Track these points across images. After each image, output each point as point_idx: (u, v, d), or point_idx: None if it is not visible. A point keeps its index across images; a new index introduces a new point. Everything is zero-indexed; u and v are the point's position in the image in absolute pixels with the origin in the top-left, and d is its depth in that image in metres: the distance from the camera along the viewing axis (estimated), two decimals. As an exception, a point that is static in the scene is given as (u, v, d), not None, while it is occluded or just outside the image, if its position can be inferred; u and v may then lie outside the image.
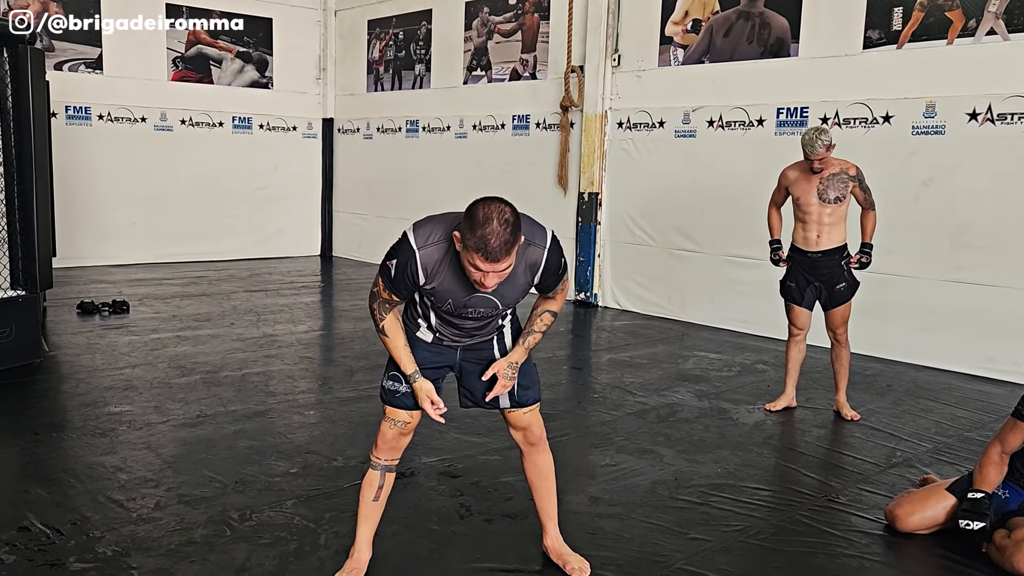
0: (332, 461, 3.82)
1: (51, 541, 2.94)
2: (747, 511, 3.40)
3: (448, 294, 2.43)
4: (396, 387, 2.62)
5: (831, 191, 4.44)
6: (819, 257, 4.54)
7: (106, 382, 4.99)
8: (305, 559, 2.88)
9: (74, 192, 9.25)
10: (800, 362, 4.83)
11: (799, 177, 4.54)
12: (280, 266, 10.49)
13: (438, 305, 2.49)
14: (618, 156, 8.00)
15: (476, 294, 2.41)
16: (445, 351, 2.67)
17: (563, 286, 2.61)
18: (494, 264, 2.21)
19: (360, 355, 5.89)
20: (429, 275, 2.39)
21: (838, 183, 4.44)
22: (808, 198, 4.50)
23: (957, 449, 4.27)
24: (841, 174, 4.44)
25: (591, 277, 8.19)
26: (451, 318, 2.54)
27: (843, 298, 4.56)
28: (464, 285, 2.40)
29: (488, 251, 2.18)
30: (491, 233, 2.17)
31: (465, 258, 2.25)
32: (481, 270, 2.23)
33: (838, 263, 4.53)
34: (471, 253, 2.21)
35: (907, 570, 3.00)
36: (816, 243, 4.53)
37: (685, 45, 7.42)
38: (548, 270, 2.47)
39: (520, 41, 8.96)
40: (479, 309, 2.48)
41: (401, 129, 10.49)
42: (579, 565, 2.83)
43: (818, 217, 4.49)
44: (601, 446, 4.16)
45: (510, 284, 2.40)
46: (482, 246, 2.18)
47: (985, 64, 5.68)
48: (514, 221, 2.21)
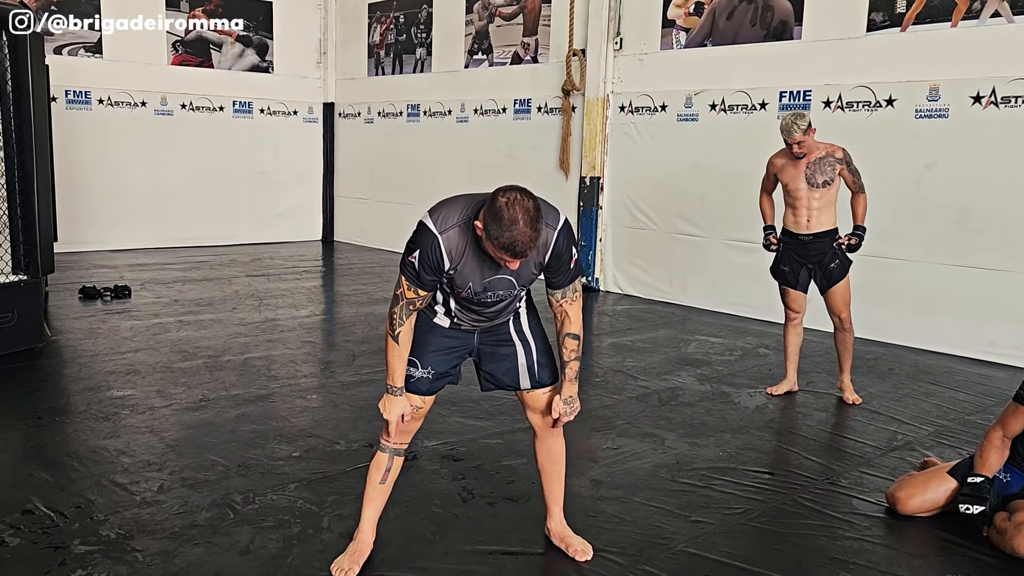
0: (335, 445, 3.83)
1: (55, 524, 2.95)
2: (749, 494, 3.41)
3: (469, 278, 2.43)
4: (411, 372, 2.61)
5: (819, 175, 4.43)
6: (810, 240, 4.55)
7: (108, 366, 5.00)
8: (308, 542, 2.89)
9: (75, 177, 9.23)
10: (799, 345, 4.83)
11: (786, 163, 4.53)
12: (282, 251, 10.49)
13: (458, 290, 2.48)
14: (620, 140, 7.97)
15: (495, 276, 2.43)
16: (463, 335, 2.67)
17: (574, 290, 2.58)
18: (519, 259, 2.26)
19: (362, 339, 5.89)
20: (453, 258, 2.38)
21: (825, 167, 4.43)
22: (796, 183, 4.49)
23: (958, 432, 4.28)
24: (828, 157, 4.43)
25: (593, 262, 8.18)
26: (470, 303, 2.54)
27: (837, 277, 4.54)
28: (484, 269, 2.41)
29: (517, 252, 2.22)
30: (519, 235, 2.19)
31: (489, 248, 2.28)
32: (508, 262, 2.29)
33: (829, 245, 4.53)
34: (499, 252, 2.24)
35: (908, 552, 3.01)
36: (807, 226, 4.53)
37: (688, 28, 7.38)
38: (557, 252, 2.46)
39: (522, 24, 8.91)
40: (497, 292, 2.49)
41: (402, 113, 10.46)
42: (581, 547, 2.84)
43: (807, 202, 4.49)
44: (603, 430, 4.17)
45: (524, 264, 2.42)
46: (511, 247, 2.20)
47: (989, 46, 5.65)
48: (536, 215, 2.22)
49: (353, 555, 2.71)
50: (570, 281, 2.56)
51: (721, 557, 2.88)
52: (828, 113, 6.44)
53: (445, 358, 2.64)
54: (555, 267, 2.50)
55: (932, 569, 2.89)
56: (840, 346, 4.72)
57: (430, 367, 2.62)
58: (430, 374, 2.62)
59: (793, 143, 4.33)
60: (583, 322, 2.68)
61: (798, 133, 4.28)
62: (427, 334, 2.62)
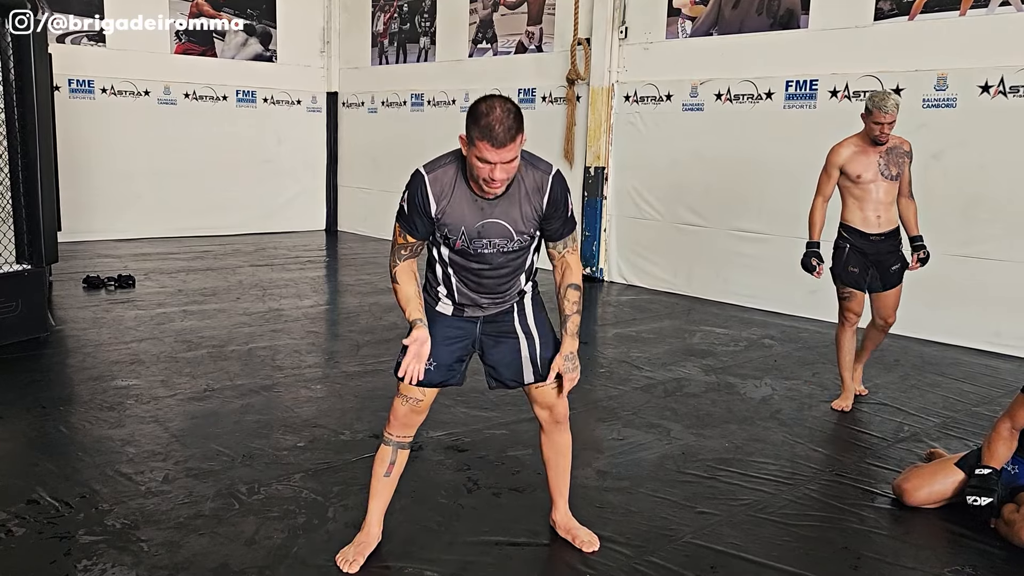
0: (339, 435, 3.82)
1: (60, 514, 2.95)
2: (755, 485, 3.40)
3: (460, 221, 2.42)
4: None
5: (892, 166, 4.09)
6: (881, 240, 4.18)
7: (113, 356, 5.00)
8: (313, 532, 2.89)
9: (78, 166, 9.22)
10: (854, 351, 4.43)
11: (855, 152, 4.12)
12: (285, 240, 10.48)
13: (451, 238, 2.45)
14: (625, 130, 7.94)
15: (488, 220, 2.42)
16: (465, 325, 2.63)
17: (574, 240, 2.59)
18: (500, 150, 2.24)
19: (366, 329, 5.88)
20: (439, 199, 2.40)
21: (898, 158, 4.10)
22: (869, 174, 4.09)
23: (965, 424, 4.26)
24: (898, 148, 4.11)
25: (597, 252, 8.16)
26: (468, 261, 2.50)
27: (896, 280, 4.26)
28: (475, 209, 2.41)
29: (494, 136, 2.22)
30: (495, 120, 2.22)
31: (472, 157, 2.29)
32: (489, 162, 2.26)
33: (895, 245, 4.23)
34: (478, 145, 2.25)
35: (915, 544, 3.00)
36: (877, 224, 4.17)
37: (693, 17, 7.33)
38: (553, 199, 2.47)
39: (526, 13, 8.86)
40: (493, 241, 2.45)
41: (406, 103, 10.42)
42: (588, 538, 2.83)
43: (878, 195, 4.12)
44: (608, 420, 4.16)
45: (517, 207, 2.43)
46: (487, 132, 2.22)
47: (998, 35, 5.60)
48: (516, 110, 2.28)
49: (359, 547, 2.71)
50: (569, 231, 2.56)
51: (727, 548, 2.87)
52: (835, 102, 6.40)
53: (447, 349, 2.60)
54: (552, 214, 2.49)
55: (939, 560, 2.88)
56: (869, 341, 4.50)
57: (432, 359, 2.58)
58: (432, 365, 2.58)
59: (887, 122, 3.94)
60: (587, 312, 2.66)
61: (895, 110, 3.93)
62: (429, 324, 2.59)
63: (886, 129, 3.98)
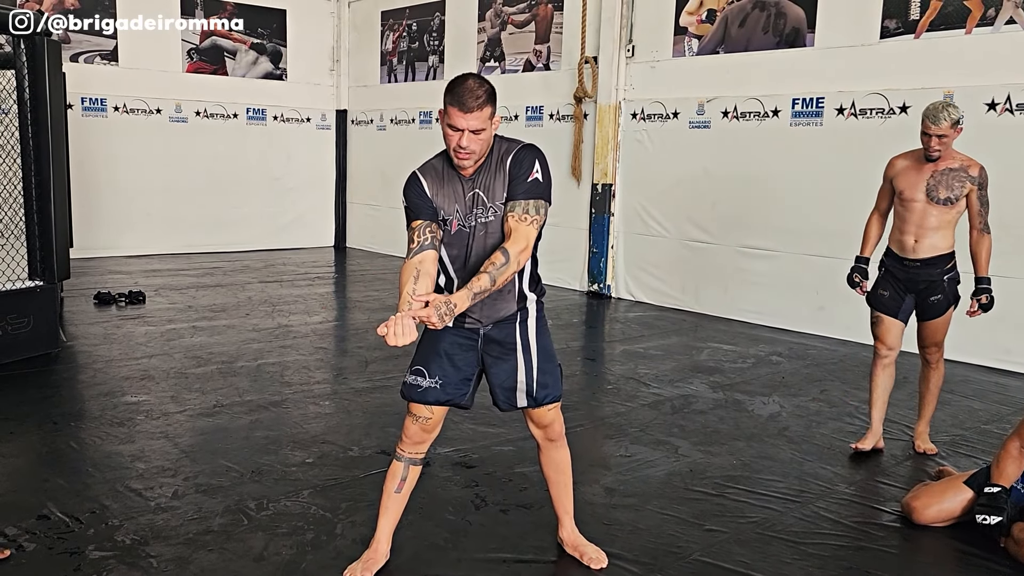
0: (348, 451, 3.83)
1: (70, 529, 2.97)
2: (763, 503, 3.40)
3: (453, 201, 2.51)
4: (418, 381, 2.60)
5: (942, 189, 3.69)
6: (917, 267, 3.82)
7: (123, 372, 5.03)
8: (322, 548, 2.89)
9: (90, 183, 9.30)
10: (889, 389, 4.06)
11: (908, 167, 3.81)
12: (294, 257, 10.53)
13: (448, 219, 2.51)
14: (632, 147, 7.97)
15: (472, 191, 2.50)
16: (467, 338, 2.61)
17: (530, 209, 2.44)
18: (467, 116, 2.35)
19: (375, 346, 5.90)
20: (431, 183, 2.52)
21: (954, 181, 3.69)
22: (913, 192, 3.75)
23: (974, 441, 4.25)
24: (960, 171, 3.69)
25: (604, 268, 8.18)
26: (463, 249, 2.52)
27: (937, 311, 3.87)
28: (460, 189, 2.51)
29: (462, 102, 2.35)
30: (466, 89, 2.37)
31: (444, 127, 2.41)
32: (458, 128, 2.37)
33: (939, 276, 3.82)
34: (448, 111, 2.38)
35: (924, 562, 2.99)
36: (913, 249, 3.81)
37: (700, 35, 7.37)
38: (518, 158, 2.48)
39: (534, 32, 8.93)
40: (476, 212, 2.51)
41: (415, 120, 10.49)
42: (596, 555, 2.83)
43: (920, 218, 3.76)
44: (615, 437, 4.16)
45: (493, 176, 2.50)
46: (457, 98, 2.36)
47: (1004, 53, 5.62)
48: (490, 87, 2.41)
49: (367, 563, 2.71)
50: (528, 196, 2.45)
51: (736, 567, 2.86)
52: (841, 120, 6.42)
53: (453, 368, 2.60)
54: (515, 171, 2.47)
55: (948, 579, 2.87)
56: (922, 385, 4.08)
57: (437, 377, 2.59)
58: (438, 384, 2.59)
59: (935, 134, 3.60)
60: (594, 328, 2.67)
61: (945, 123, 3.58)
62: (433, 342, 2.61)
63: (933, 143, 3.64)
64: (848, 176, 6.40)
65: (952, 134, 3.63)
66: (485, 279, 2.35)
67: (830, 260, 6.47)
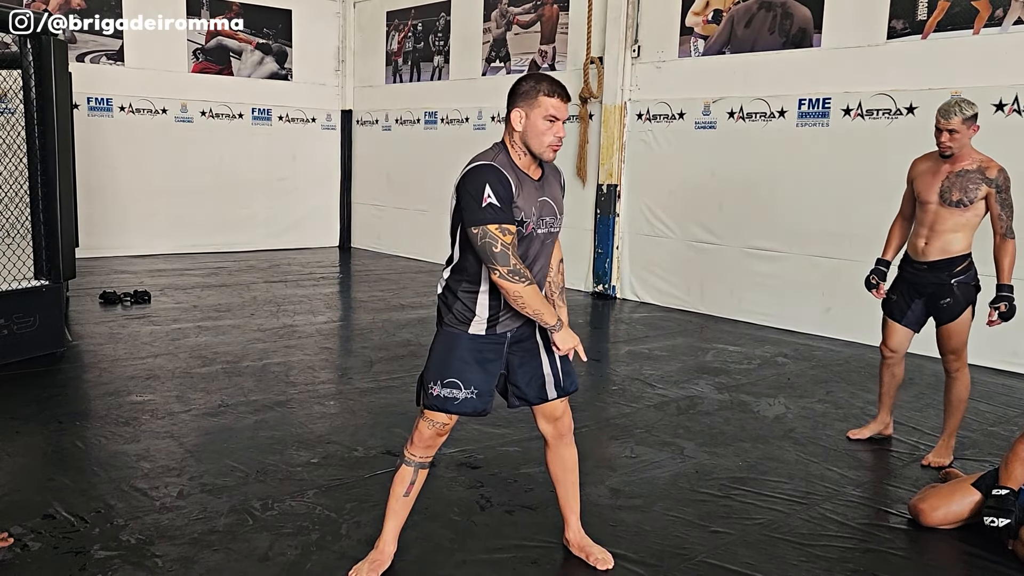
0: (353, 451, 3.83)
1: (76, 529, 2.97)
2: (769, 504, 3.38)
3: (530, 202, 2.47)
4: (454, 394, 2.55)
5: (956, 191, 3.61)
6: (924, 269, 3.76)
7: (128, 371, 5.03)
8: (327, 549, 2.89)
9: (96, 183, 9.33)
10: (896, 385, 4.10)
11: (927, 169, 3.76)
12: (299, 257, 10.54)
13: (526, 221, 2.44)
14: (637, 148, 7.96)
15: (542, 198, 2.52)
16: (496, 345, 2.59)
17: None
18: (564, 104, 2.45)
19: (379, 346, 5.90)
20: (514, 184, 2.42)
21: (968, 183, 3.59)
22: (927, 195, 3.70)
23: (981, 444, 4.23)
24: (976, 173, 3.59)
25: (610, 269, 8.17)
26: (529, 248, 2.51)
27: (950, 316, 3.74)
28: (535, 189, 2.50)
29: (558, 90, 2.43)
30: (554, 80, 2.45)
31: (538, 120, 2.42)
32: (557, 118, 2.43)
33: (946, 279, 3.72)
34: (546, 102, 2.41)
35: (931, 565, 2.98)
36: (923, 252, 3.75)
37: (706, 36, 7.36)
38: (563, 183, 2.71)
39: (539, 32, 8.92)
40: (545, 219, 2.53)
41: (420, 121, 10.49)
42: (602, 556, 2.82)
43: (933, 220, 3.70)
44: (621, 438, 4.15)
45: (553, 188, 2.59)
46: (556, 87, 2.43)
47: (1012, 54, 5.60)
48: None
49: (372, 563, 2.71)
50: None
51: (742, 568, 2.85)
52: (848, 121, 6.40)
53: (483, 376, 2.58)
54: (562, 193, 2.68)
55: (956, 582, 2.85)
56: (945, 397, 3.94)
57: (473, 387, 2.56)
58: (474, 394, 2.56)
59: (945, 129, 3.54)
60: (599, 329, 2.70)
61: (956, 118, 3.51)
62: (462, 351, 2.56)
63: (944, 138, 3.57)
64: (855, 177, 6.38)
65: (964, 130, 3.55)
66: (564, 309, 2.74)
67: (836, 261, 6.46)
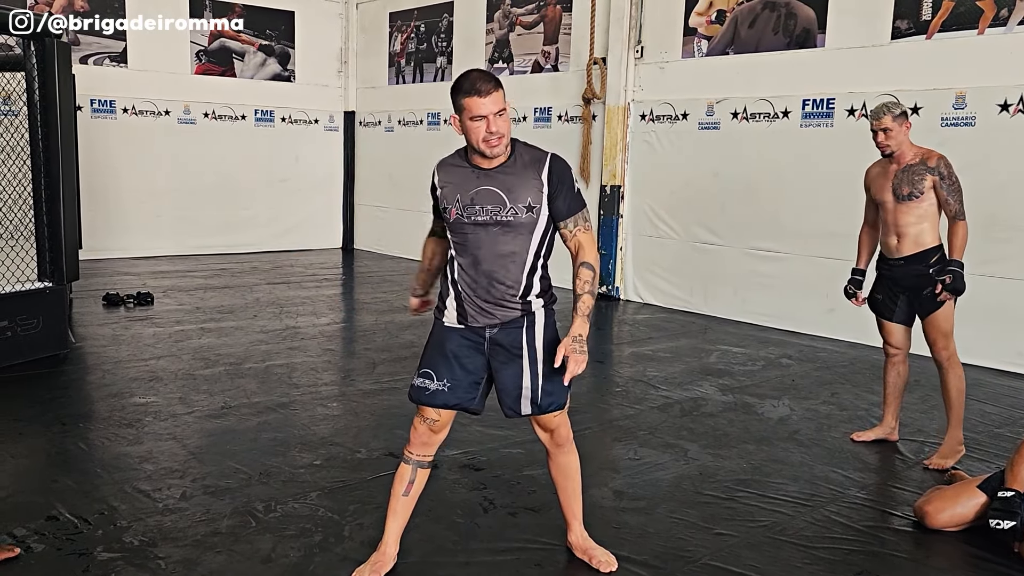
0: (355, 453, 3.82)
1: (79, 530, 2.97)
2: (773, 507, 3.37)
3: (456, 190, 2.52)
4: (426, 384, 2.59)
5: (904, 186, 3.79)
6: (900, 265, 3.91)
7: (131, 373, 5.03)
8: (329, 551, 2.88)
9: (99, 185, 9.33)
10: (900, 387, 4.19)
11: (878, 173, 3.97)
12: (302, 258, 10.54)
13: (447, 207, 2.53)
14: (641, 148, 7.95)
15: (481, 187, 2.49)
16: (472, 339, 2.59)
17: (584, 218, 2.58)
18: (486, 99, 2.37)
19: (382, 348, 5.90)
20: (442, 175, 2.59)
21: (913, 176, 3.77)
22: (883, 195, 3.89)
23: (987, 445, 4.21)
24: (918, 165, 3.77)
25: (613, 270, 8.15)
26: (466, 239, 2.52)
27: (932, 306, 3.86)
28: (470, 179, 2.52)
29: (477, 88, 2.37)
30: (474, 78, 2.40)
31: (467, 122, 2.42)
32: (482, 115, 2.38)
33: (923, 271, 3.85)
34: (467, 105, 2.39)
35: (936, 567, 2.96)
36: (897, 248, 3.90)
37: (709, 36, 7.35)
38: (553, 171, 2.52)
39: (542, 33, 8.92)
40: (486, 207, 2.48)
41: (422, 122, 10.49)
42: (605, 558, 2.81)
43: (894, 218, 3.87)
44: (624, 440, 4.14)
45: (515, 178, 2.49)
46: (471, 87, 2.38)
47: (1017, 54, 5.58)
48: (494, 76, 2.46)
49: (375, 565, 2.70)
50: (577, 208, 2.56)
51: (746, 571, 2.84)
52: (852, 121, 6.39)
53: (462, 371, 2.58)
54: (556, 184, 2.51)
55: (962, 585, 2.84)
56: (943, 393, 3.99)
57: (446, 379, 2.57)
58: (446, 386, 2.57)
59: (879, 128, 3.74)
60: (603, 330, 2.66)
61: (887, 117, 3.71)
62: (439, 343, 2.60)
63: (880, 138, 3.78)
64: (859, 178, 6.27)
65: (897, 127, 3.75)
66: (588, 298, 2.51)
67: (840, 262, 6.42)
